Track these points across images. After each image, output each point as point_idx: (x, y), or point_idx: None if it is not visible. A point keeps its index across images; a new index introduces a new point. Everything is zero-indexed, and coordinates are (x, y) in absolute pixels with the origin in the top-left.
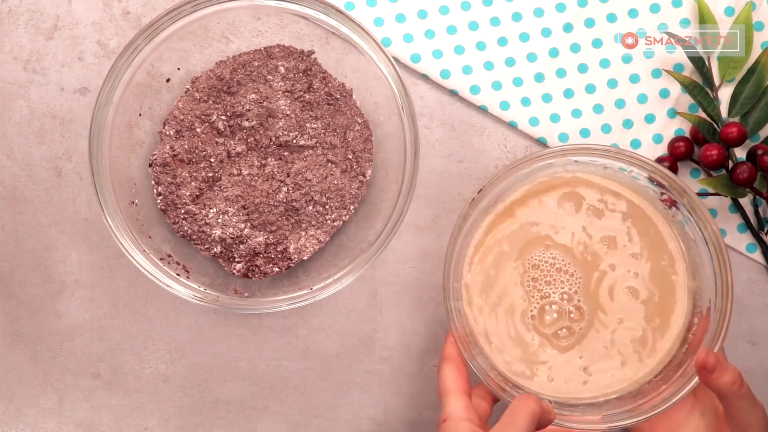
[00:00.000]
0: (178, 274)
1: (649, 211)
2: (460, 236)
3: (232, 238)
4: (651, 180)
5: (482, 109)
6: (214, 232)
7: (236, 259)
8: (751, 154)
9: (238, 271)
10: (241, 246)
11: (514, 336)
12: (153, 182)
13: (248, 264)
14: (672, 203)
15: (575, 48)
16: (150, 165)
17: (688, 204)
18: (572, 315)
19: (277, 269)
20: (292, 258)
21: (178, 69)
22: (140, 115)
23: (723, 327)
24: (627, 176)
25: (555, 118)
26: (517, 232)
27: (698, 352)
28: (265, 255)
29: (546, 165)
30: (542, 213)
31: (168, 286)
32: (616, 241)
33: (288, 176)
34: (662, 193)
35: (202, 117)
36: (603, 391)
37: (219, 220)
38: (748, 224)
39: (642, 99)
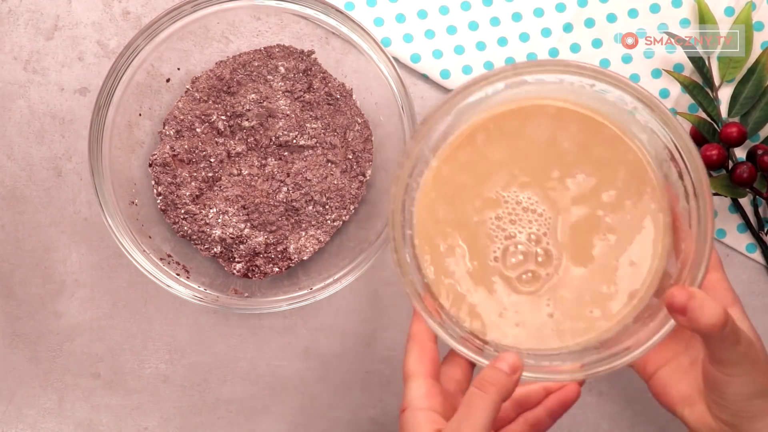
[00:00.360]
0: (178, 274)
1: (622, 135)
2: (404, 176)
3: (232, 238)
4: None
5: None
6: (214, 232)
7: (236, 259)
8: (751, 154)
9: (238, 271)
10: (241, 246)
11: (475, 280)
12: (153, 182)
13: (248, 264)
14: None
15: (575, 48)
16: (150, 165)
17: (660, 117)
18: (539, 259)
19: (277, 269)
20: (292, 258)
21: (178, 69)
22: (140, 115)
23: (702, 261)
24: (592, 93)
25: None
26: (477, 165)
27: (668, 290)
28: (265, 255)
29: (503, 87)
30: (504, 143)
31: (168, 286)
32: (589, 175)
33: (288, 176)
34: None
35: (202, 117)
36: (574, 339)
37: (219, 220)
38: (748, 224)
39: None
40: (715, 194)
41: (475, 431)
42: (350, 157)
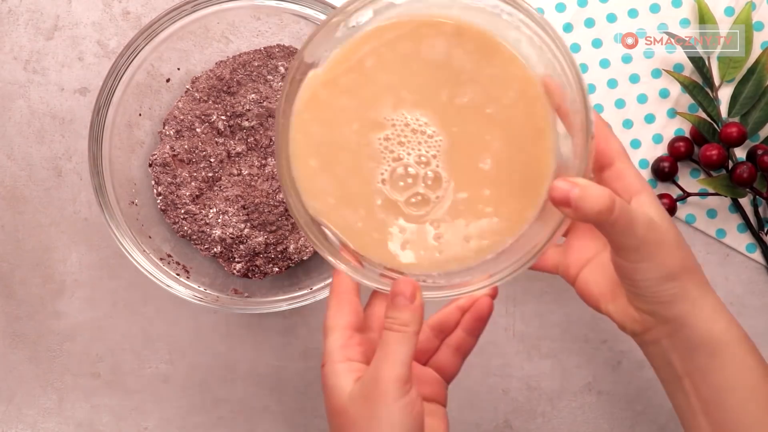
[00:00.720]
0: (178, 274)
1: (514, 52)
2: (282, 102)
3: (232, 238)
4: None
5: None
6: (214, 232)
7: (236, 259)
8: (751, 154)
9: (238, 271)
10: (241, 246)
11: (364, 205)
12: (153, 182)
13: (248, 264)
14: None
15: (575, 48)
16: (150, 165)
17: (544, 32)
18: (429, 182)
19: (277, 269)
20: (292, 258)
21: (178, 69)
22: (140, 115)
23: (585, 152)
24: (481, 9)
25: None
26: (360, 85)
27: (551, 185)
28: (265, 255)
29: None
30: (394, 64)
31: (168, 286)
32: (480, 94)
33: None
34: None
35: (202, 117)
36: (477, 254)
37: (219, 220)
38: (748, 224)
39: (642, 99)
40: (715, 194)
41: (394, 369)
42: None
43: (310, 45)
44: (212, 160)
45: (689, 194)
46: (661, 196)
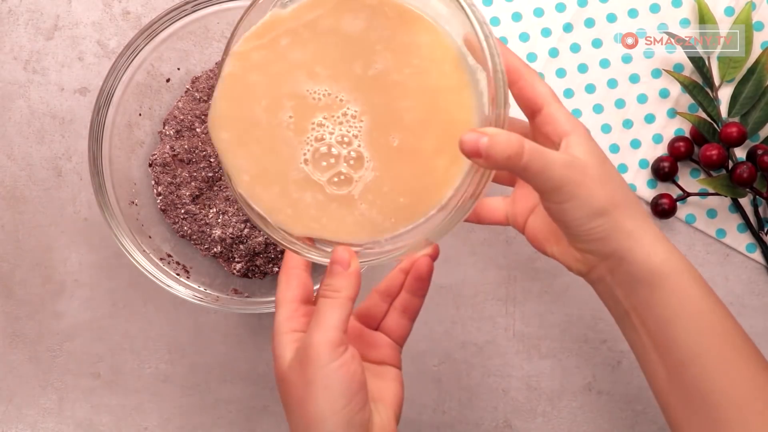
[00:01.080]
0: (178, 274)
1: (431, 21)
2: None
3: (231, 238)
4: None
5: None
6: (213, 232)
7: (236, 259)
8: (751, 154)
9: (237, 271)
10: (241, 246)
11: (286, 183)
12: (153, 182)
13: (248, 264)
14: None
15: (575, 48)
16: (150, 165)
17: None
18: (351, 162)
19: (277, 269)
20: None
21: (178, 69)
22: (140, 115)
23: (500, 99)
24: None
25: None
26: (275, 62)
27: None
28: (265, 255)
29: None
30: (305, 38)
31: (168, 286)
32: (388, 60)
33: None
34: None
35: (202, 117)
36: (410, 219)
37: (219, 220)
38: (748, 224)
39: (642, 99)
40: (715, 194)
41: (326, 333)
42: None
43: (242, 23)
44: (212, 159)
45: (689, 194)
46: (661, 196)
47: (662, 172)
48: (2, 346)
